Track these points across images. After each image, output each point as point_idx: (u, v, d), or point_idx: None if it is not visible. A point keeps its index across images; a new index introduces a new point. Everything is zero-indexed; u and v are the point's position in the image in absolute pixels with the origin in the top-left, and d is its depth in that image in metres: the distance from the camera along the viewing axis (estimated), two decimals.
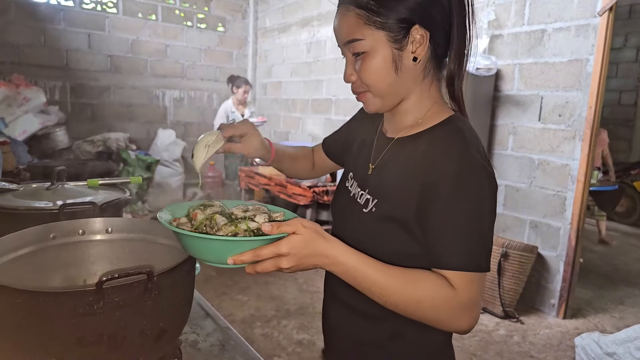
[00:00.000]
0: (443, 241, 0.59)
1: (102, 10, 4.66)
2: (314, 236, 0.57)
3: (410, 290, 0.58)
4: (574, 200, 2.54)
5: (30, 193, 1.10)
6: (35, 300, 0.55)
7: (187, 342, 0.87)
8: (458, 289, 0.58)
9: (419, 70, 0.66)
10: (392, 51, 0.63)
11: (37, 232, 0.79)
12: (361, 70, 0.64)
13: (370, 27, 0.62)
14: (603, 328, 2.56)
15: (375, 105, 0.68)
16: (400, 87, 0.66)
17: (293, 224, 0.57)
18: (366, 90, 0.66)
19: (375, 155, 0.73)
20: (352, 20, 0.63)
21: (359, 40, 0.63)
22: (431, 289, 0.58)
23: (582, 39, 2.45)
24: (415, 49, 0.63)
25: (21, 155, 3.66)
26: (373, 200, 0.67)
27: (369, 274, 0.58)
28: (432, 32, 0.63)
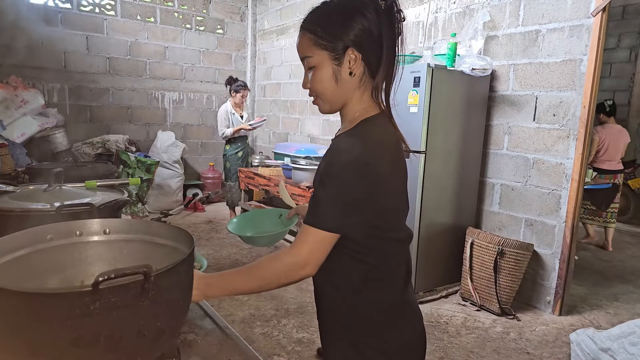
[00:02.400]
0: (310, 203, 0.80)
1: (100, 13, 4.66)
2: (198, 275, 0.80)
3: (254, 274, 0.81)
4: (568, 198, 2.57)
5: (28, 195, 1.09)
6: (31, 301, 0.54)
7: (186, 341, 0.86)
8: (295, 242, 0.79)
9: (355, 81, 0.83)
10: (332, 67, 0.81)
11: (33, 234, 0.79)
12: (312, 80, 0.83)
13: (317, 47, 0.81)
14: (598, 324, 2.59)
15: (325, 108, 0.86)
16: (340, 94, 0.83)
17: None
18: (316, 95, 0.85)
19: None
20: (306, 41, 0.82)
21: (310, 57, 0.82)
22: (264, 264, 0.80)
23: (576, 39, 2.48)
24: (350, 66, 0.81)
25: (19, 158, 3.67)
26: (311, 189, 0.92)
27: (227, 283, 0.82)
28: (364, 54, 0.80)
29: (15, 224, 0.82)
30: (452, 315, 2.64)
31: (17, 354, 0.57)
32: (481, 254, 2.70)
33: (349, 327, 0.86)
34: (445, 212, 2.87)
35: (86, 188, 1.20)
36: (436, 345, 2.29)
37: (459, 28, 3.06)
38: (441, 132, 2.72)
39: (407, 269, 0.90)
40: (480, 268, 2.71)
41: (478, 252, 2.72)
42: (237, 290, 0.82)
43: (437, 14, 3.26)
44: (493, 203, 3.00)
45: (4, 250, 0.73)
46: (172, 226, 0.86)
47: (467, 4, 3.05)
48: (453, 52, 2.71)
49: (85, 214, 0.93)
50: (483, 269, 2.70)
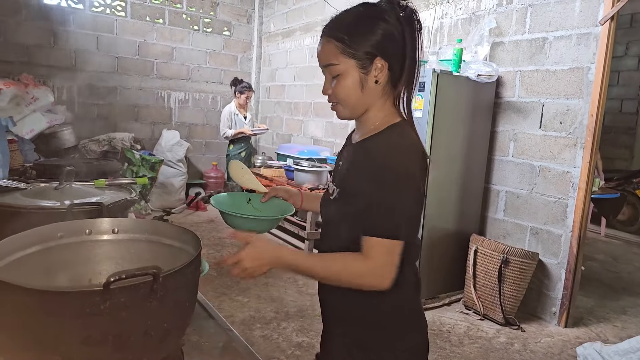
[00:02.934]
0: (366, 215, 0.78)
1: (111, 13, 4.72)
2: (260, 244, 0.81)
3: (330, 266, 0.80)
4: (575, 207, 2.54)
5: (39, 192, 1.11)
6: (43, 299, 0.55)
7: (190, 343, 0.87)
8: (367, 254, 0.77)
9: (379, 89, 0.84)
10: (359, 75, 0.82)
11: (45, 231, 0.80)
12: (336, 87, 0.84)
13: (344, 56, 0.81)
14: (605, 338, 2.53)
15: (344, 114, 0.87)
16: (364, 101, 0.85)
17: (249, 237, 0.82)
18: (337, 102, 0.86)
19: (343, 158, 0.94)
20: (331, 49, 0.82)
21: (335, 65, 0.82)
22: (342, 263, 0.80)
23: (584, 47, 2.47)
24: (377, 74, 0.82)
25: (28, 154, 3.71)
26: (337, 189, 0.88)
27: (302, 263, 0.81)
28: (390, 62, 0.82)
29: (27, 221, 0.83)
30: (454, 324, 2.61)
31: (28, 351, 0.58)
32: (485, 262, 2.68)
33: (361, 333, 0.86)
34: (449, 219, 2.85)
35: (95, 186, 1.22)
36: (438, 354, 2.26)
37: (465, 34, 3.05)
38: (446, 138, 2.71)
39: (417, 275, 0.91)
40: (484, 276, 2.69)
41: (482, 260, 2.70)
42: (304, 272, 0.82)
43: (443, 19, 3.27)
44: (498, 210, 2.98)
45: (17, 247, 0.74)
46: (179, 227, 0.87)
47: (473, 10, 3.05)
48: (459, 57, 2.71)
49: (94, 213, 0.95)
50: (487, 277, 2.67)
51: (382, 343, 0.85)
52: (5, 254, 0.71)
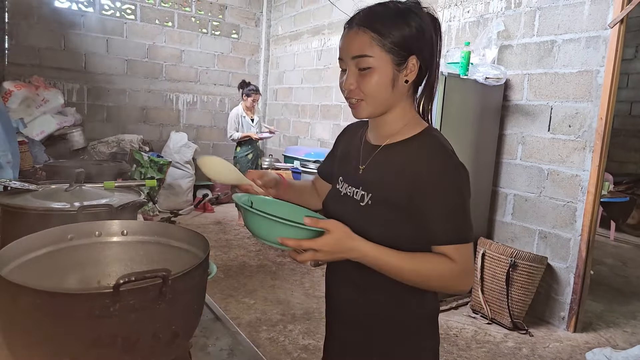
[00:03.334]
0: (439, 223, 0.76)
1: (120, 17, 4.78)
2: (342, 236, 0.72)
3: (420, 268, 0.75)
4: (584, 211, 2.52)
5: (49, 194, 1.12)
6: (53, 301, 0.55)
7: (197, 345, 0.87)
8: (456, 259, 0.75)
9: (406, 90, 0.81)
10: (393, 72, 0.77)
11: (55, 233, 0.80)
12: (364, 82, 0.77)
13: (380, 48, 0.76)
14: (615, 343, 2.50)
15: (366, 112, 0.81)
16: (390, 101, 0.80)
17: (329, 223, 0.72)
18: (361, 99, 0.79)
19: (363, 159, 0.87)
20: (367, 40, 0.76)
21: (369, 57, 0.76)
22: (434, 266, 0.75)
23: (593, 50, 2.45)
24: (407, 74, 0.79)
25: (37, 155, 3.76)
26: (368, 195, 0.82)
27: (387, 261, 0.74)
28: (421, 62, 0.79)
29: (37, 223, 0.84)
30: (462, 328, 2.59)
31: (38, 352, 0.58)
32: (493, 265, 2.66)
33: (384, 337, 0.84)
34: None
35: (105, 188, 1.23)
36: (445, 358, 2.25)
37: (473, 37, 3.04)
38: (454, 141, 2.62)
39: None
40: (491, 280, 2.66)
41: (490, 263, 2.67)
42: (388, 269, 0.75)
43: (451, 22, 3.26)
44: (506, 213, 2.95)
45: (28, 249, 0.75)
46: (188, 229, 0.87)
47: (481, 13, 3.04)
48: (466, 60, 2.70)
49: (104, 215, 0.96)
50: (495, 281, 2.65)
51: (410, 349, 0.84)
52: (16, 256, 0.72)
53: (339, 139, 1.03)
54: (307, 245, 0.70)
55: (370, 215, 0.80)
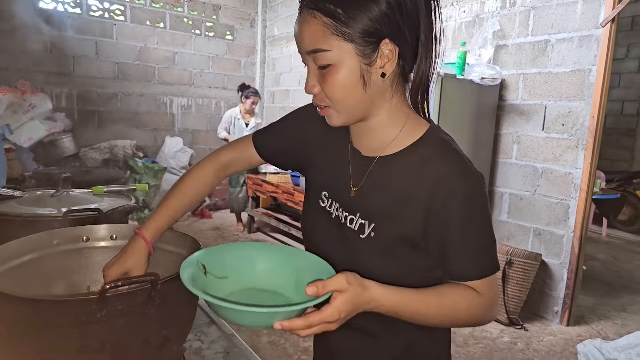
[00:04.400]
0: (466, 257, 0.62)
1: (109, 18, 4.69)
2: (357, 292, 0.54)
3: (449, 311, 0.61)
4: (577, 208, 2.56)
5: (35, 200, 1.09)
6: (38, 308, 0.54)
7: (192, 349, 0.86)
8: (484, 293, 0.62)
9: (387, 85, 0.62)
10: (360, 65, 0.58)
11: (40, 239, 0.78)
12: (326, 83, 0.59)
13: (338, 38, 0.57)
14: (605, 335, 2.57)
15: (339, 120, 0.63)
16: (367, 103, 0.61)
17: (338, 282, 0.53)
18: (328, 104, 0.62)
19: (355, 175, 0.68)
20: (318, 28, 0.57)
21: (325, 52, 0.57)
22: (465, 304, 0.61)
23: (585, 49, 2.49)
24: (383, 64, 0.59)
25: (26, 162, 3.68)
26: (370, 225, 0.65)
27: (409, 307, 0.59)
28: (401, 46, 0.59)
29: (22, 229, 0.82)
30: None
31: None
32: None
33: None
34: None
35: (93, 194, 1.20)
36: None
37: (469, 37, 3.07)
38: None
39: None
40: None
41: None
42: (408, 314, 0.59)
43: (447, 22, 3.28)
44: (502, 212, 2.98)
45: (11, 255, 0.73)
46: (178, 232, 0.85)
47: (477, 13, 3.06)
48: (462, 60, 2.72)
49: (92, 220, 0.93)
50: None
51: None
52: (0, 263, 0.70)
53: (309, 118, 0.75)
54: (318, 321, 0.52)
55: (373, 250, 0.64)
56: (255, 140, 0.80)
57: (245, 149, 0.81)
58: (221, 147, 0.84)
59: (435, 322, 0.62)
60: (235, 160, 0.82)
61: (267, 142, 0.80)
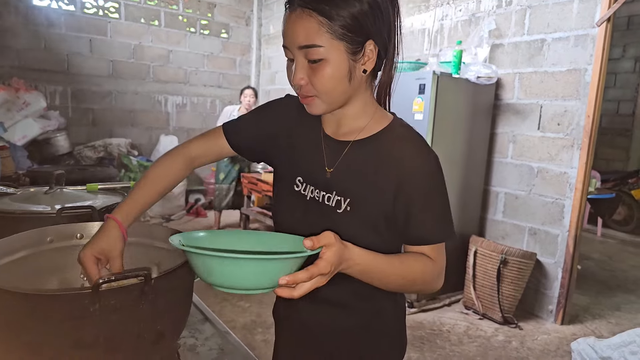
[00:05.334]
0: (426, 223, 0.70)
1: (104, 15, 4.66)
2: (340, 246, 0.59)
3: (408, 274, 0.68)
4: (572, 207, 2.56)
5: (28, 197, 1.09)
6: (31, 302, 0.54)
7: (186, 346, 0.86)
8: (436, 259, 0.71)
9: (364, 80, 0.71)
10: (348, 62, 0.65)
11: (33, 236, 0.78)
12: (316, 76, 0.65)
13: (331, 35, 0.63)
14: (600, 333, 2.58)
15: (321, 109, 0.70)
16: (348, 94, 0.70)
17: (327, 237, 0.58)
18: (315, 95, 0.68)
19: (329, 158, 0.75)
20: (314, 26, 0.62)
21: (318, 47, 0.63)
22: (421, 268, 0.69)
23: (581, 49, 2.49)
24: (365, 62, 0.67)
25: (20, 161, 3.65)
26: (345, 200, 0.72)
27: (378, 267, 0.65)
28: (379, 47, 0.67)
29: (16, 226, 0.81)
30: (454, 324, 2.62)
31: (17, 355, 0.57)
32: (484, 262, 2.69)
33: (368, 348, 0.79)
34: None
35: (87, 191, 1.20)
36: (438, 354, 2.27)
37: (465, 36, 3.06)
38: (446, 140, 2.71)
39: None
40: (483, 277, 2.69)
41: (481, 260, 2.70)
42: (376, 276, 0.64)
43: (443, 21, 3.27)
44: (497, 212, 2.98)
45: (4, 252, 0.72)
46: (171, 229, 0.85)
47: (473, 12, 3.06)
48: (458, 59, 2.72)
49: (86, 217, 0.92)
50: (486, 277, 2.68)
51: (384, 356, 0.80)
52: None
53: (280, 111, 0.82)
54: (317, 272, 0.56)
55: (349, 223, 0.71)
56: (226, 130, 0.84)
57: (216, 140, 0.84)
58: (192, 139, 0.86)
59: (396, 284, 0.68)
60: (205, 152, 0.84)
61: (238, 132, 0.83)
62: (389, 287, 0.69)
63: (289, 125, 0.80)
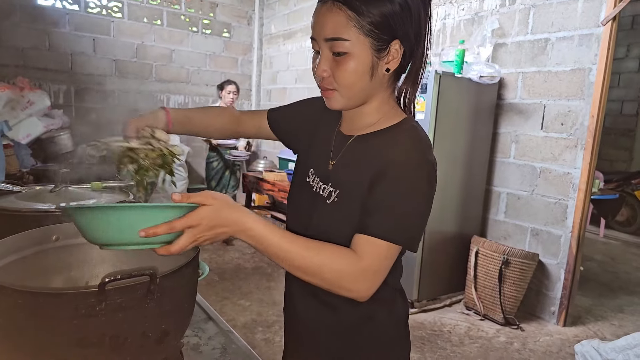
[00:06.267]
0: (375, 214, 0.65)
1: (107, 15, 4.69)
2: (223, 206, 0.59)
3: (313, 255, 0.63)
4: (575, 208, 2.54)
5: (34, 195, 1.10)
6: (37, 301, 0.54)
7: (189, 345, 0.87)
8: (363, 254, 0.64)
9: (385, 79, 0.71)
10: (372, 58, 0.66)
11: (39, 234, 0.79)
12: (339, 69, 0.66)
13: (358, 30, 0.64)
14: (603, 336, 2.56)
15: (339, 104, 0.71)
16: (368, 92, 0.70)
17: (203, 196, 0.59)
18: (335, 88, 0.69)
19: (334, 152, 0.77)
20: (342, 19, 0.64)
21: (344, 41, 0.64)
22: (331, 254, 0.64)
23: (585, 48, 2.47)
24: (389, 61, 0.68)
25: (24, 159, 3.67)
26: (335, 192, 0.73)
27: (275, 240, 0.62)
28: (405, 47, 0.67)
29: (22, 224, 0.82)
30: (455, 324, 2.61)
31: (22, 354, 0.57)
32: (486, 263, 2.68)
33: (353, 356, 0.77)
34: (450, 220, 2.84)
35: (92, 189, 1.21)
36: (439, 354, 2.26)
37: (467, 35, 3.05)
38: (448, 139, 2.71)
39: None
40: (484, 277, 2.68)
41: (483, 261, 2.69)
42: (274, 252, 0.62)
43: (446, 20, 3.26)
44: (499, 212, 2.97)
45: (10, 250, 0.73)
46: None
47: (476, 11, 3.05)
48: (461, 59, 2.71)
49: None
50: (487, 278, 2.67)
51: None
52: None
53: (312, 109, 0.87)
54: (181, 225, 0.55)
55: (334, 213, 0.71)
56: (270, 115, 0.93)
57: (260, 118, 0.94)
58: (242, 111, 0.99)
59: (294, 266, 0.63)
60: (249, 122, 0.95)
61: (279, 118, 0.92)
62: (291, 269, 0.64)
63: (315, 123, 0.85)
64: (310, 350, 0.80)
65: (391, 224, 0.64)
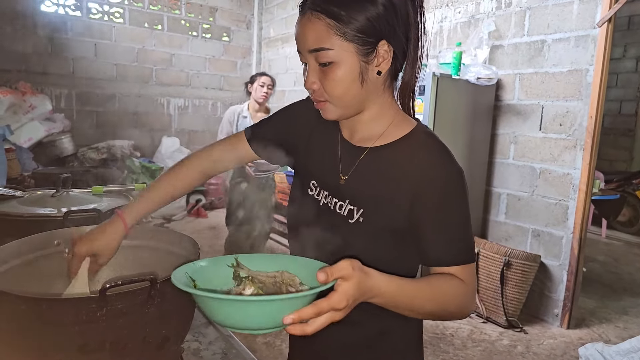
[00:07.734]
0: (445, 242, 0.65)
1: (108, 20, 4.72)
2: (361, 277, 0.53)
3: (439, 297, 0.62)
4: (576, 209, 2.54)
5: (35, 200, 1.10)
6: (39, 306, 0.54)
7: (190, 350, 0.87)
8: (466, 281, 0.64)
9: (380, 83, 0.67)
10: (359, 64, 0.63)
11: (41, 239, 0.79)
12: (327, 80, 0.64)
13: (340, 37, 0.61)
14: (607, 338, 2.53)
15: (335, 114, 0.68)
16: (362, 98, 0.67)
17: (344, 268, 0.52)
18: (327, 99, 0.66)
19: (344, 164, 0.72)
20: (322, 28, 0.61)
21: (327, 50, 0.62)
22: (453, 291, 0.63)
23: (582, 49, 2.48)
24: (379, 63, 0.64)
25: (26, 162, 3.68)
26: (358, 211, 0.68)
27: (406, 297, 0.58)
28: (395, 47, 0.64)
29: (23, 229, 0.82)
30: (457, 328, 2.60)
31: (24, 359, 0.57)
32: (487, 264, 2.67)
33: None
34: None
35: (93, 193, 1.22)
36: (442, 358, 2.25)
37: (464, 37, 3.06)
38: (446, 141, 2.61)
39: None
40: (486, 279, 2.67)
41: (484, 262, 2.68)
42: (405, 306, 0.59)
43: (443, 23, 3.28)
44: (499, 213, 2.97)
45: (12, 255, 0.73)
46: (177, 233, 0.86)
47: (473, 14, 3.06)
48: (458, 61, 2.72)
49: (92, 220, 0.94)
50: (489, 280, 2.66)
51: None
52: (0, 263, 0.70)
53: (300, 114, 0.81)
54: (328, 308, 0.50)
55: (361, 235, 0.67)
56: (249, 135, 0.83)
57: (237, 145, 0.84)
58: (214, 143, 0.87)
59: (426, 311, 0.61)
60: (226, 157, 0.85)
61: (260, 136, 0.83)
62: (419, 315, 0.62)
63: (309, 129, 0.79)
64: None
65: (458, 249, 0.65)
